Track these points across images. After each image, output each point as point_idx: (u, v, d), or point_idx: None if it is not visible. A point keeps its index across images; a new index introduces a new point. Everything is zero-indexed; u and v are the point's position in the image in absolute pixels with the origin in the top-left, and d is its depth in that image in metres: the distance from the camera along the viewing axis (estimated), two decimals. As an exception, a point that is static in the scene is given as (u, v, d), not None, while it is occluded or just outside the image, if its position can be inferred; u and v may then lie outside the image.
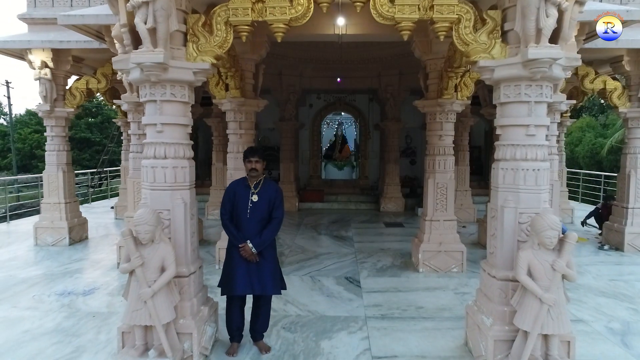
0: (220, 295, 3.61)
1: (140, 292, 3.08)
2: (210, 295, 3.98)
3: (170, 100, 3.33)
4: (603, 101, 15.60)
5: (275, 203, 3.55)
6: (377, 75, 11.10)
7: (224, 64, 5.29)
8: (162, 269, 3.17)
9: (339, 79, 11.33)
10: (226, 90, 5.85)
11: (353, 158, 15.77)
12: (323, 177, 14.14)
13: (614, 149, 17.79)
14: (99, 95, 10.64)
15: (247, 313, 3.74)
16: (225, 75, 5.70)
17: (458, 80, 5.69)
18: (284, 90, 11.26)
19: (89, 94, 7.64)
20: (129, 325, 3.27)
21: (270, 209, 3.53)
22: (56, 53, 7.00)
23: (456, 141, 7.10)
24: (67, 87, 7.50)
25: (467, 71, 5.54)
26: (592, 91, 7.53)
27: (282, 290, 3.67)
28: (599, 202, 9.89)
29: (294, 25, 3.47)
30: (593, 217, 8.50)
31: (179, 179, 3.41)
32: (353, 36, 6.04)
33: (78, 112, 7.76)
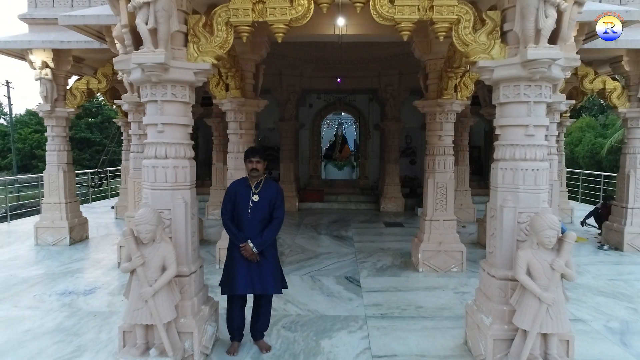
0: (221, 295, 3.63)
1: (142, 291, 3.09)
2: (211, 294, 4.00)
3: (171, 101, 3.35)
4: (603, 101, 15.58)
5: (276, 203, 3.56)
6: (377, 75, 11.09)
7: (224, 64, 5.31)
8: (163, 268, 3.18)
9: (339, 79, 11.33)
10: (226, 90, 5.87)
11: (353, 158, 15.76)
12: (323, 177, 14.13)
13: (614, 149, 17.80)
14: (99, 95, 10.65)
15: (248, 312, 3.75)
16: (225, 76, 5.72)
17: (458, 80, 5.70)
18: (284, 90, 11.27)
19: (89, 94, 7.65)
20: (130, 325, 3.28)
21: (271, 209, 3.55)
22: (57, 53, 7.02)
23: (456, 141, 7.12)
24: (68, 87, 7.51)
25: (467, 71, 5.54)
26: (592, 91, 7.54)
27: (283, 290, 3.69)
28: (598, 202, 9.89)
29: (294, 25, 3.48)
30: (592, 217, 8.52)
31: (180, 179, 3.43)
32: (353, 36, 6.05)
33: (78, 112, 7.78)
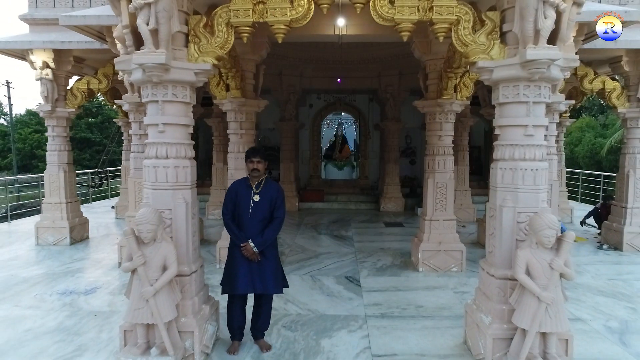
0: (222, 294, 3.64)
1: (142, 291, 3.10)
2: (211, 294, 4.01)
3: (172, 101, 3.36)
4: (602, 101, 15.59)
5: (276, 203, 3.57)
6: (377, 75, 11.11)
7: (224, 64, 5.32)
8: (164, 268, 3.19)
9: (339, 79, 11.33)
10: (227, 90, 5.88)
11: (353, 158, 15.77)
12: (323, 177, 14.15)
13: (614, 149, 17.81)
14: (99, 95, 10.65)
15: (248, 312, 3.77)
16: (226, 76, 5.73)
17: (457, 80, 5.71)
18: (284, 91, 11.28)
19: (90, 94, 7.66)
20: (130, 324, 3.29)
21: (271, 209, 3.56)
22: (57, 53, 7.03)
23: (456, 141, 7.12)
24: (69, 88, 7.52)
25: (467, 72, 5.56)
26: (591, 91, 7.55)
27: (283, 289, 3.69)
28: (598, 202, 9.90)
29: (294, 26, 3.49)
30: (592, 217, 8.53)
31: (181, 179, 3.44)
32: (353, 37, 6.06)
33: (79, 112, 7.79)
